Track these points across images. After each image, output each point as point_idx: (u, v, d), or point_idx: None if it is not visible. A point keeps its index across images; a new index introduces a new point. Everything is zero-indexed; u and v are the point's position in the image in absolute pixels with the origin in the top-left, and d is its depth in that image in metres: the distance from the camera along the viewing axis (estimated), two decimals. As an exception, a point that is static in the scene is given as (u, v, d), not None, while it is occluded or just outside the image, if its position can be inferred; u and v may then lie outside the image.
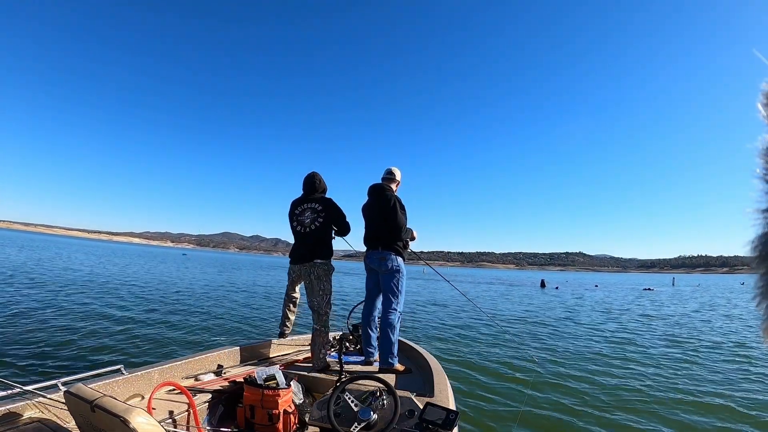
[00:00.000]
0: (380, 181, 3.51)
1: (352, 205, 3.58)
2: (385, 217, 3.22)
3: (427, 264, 5.05)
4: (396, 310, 3.15)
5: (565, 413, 4.28)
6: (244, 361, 3.16)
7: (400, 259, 3.24)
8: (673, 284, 51.26)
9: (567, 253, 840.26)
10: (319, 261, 3.24)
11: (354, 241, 3.56)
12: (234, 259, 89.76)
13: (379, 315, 3.29)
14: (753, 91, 0.30)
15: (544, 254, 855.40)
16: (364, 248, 3.45)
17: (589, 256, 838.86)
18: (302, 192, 3.52)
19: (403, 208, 3.27)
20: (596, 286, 39.60)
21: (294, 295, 3.62)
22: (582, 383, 5.39)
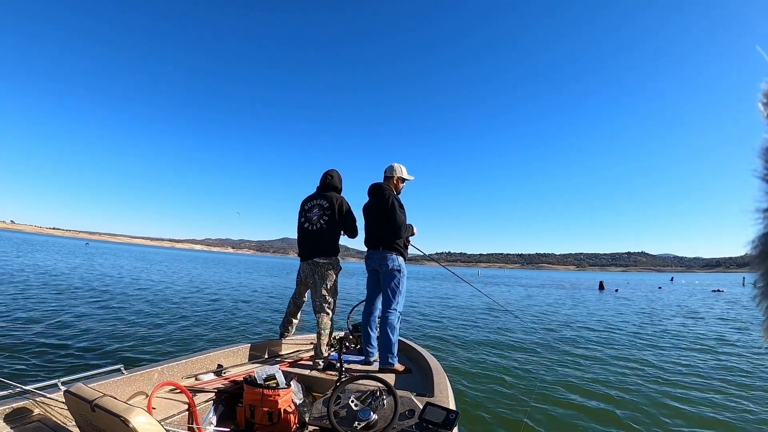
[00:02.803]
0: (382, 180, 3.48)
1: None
2: (385, 217, 3.19)
3: (439, 263, 4.90)
4: (396, 310, 3.13)
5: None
6: (244, 360, 3.18)
7: (401, 259, 3.22)
8: (744, 284, 45.05)
9: (629, 253, 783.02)
10: (323, 260, 3.19)
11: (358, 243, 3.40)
12: (291, 264, 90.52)
13: (379, 315, 3.26)
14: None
15: (605, 254, 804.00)
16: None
17: (651, 255, 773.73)
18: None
19: (401, 206, 3.23)
20: (660, 288, 36.31)
21: (301, 300, 3.50)
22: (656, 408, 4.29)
